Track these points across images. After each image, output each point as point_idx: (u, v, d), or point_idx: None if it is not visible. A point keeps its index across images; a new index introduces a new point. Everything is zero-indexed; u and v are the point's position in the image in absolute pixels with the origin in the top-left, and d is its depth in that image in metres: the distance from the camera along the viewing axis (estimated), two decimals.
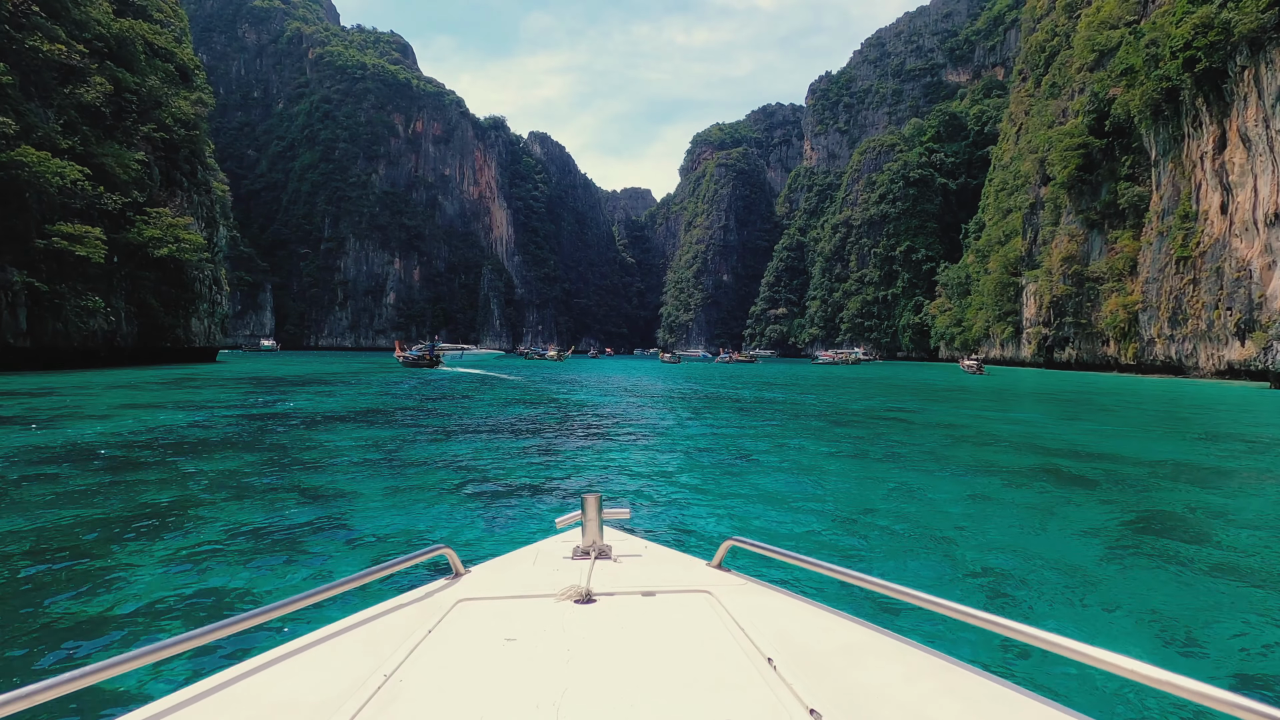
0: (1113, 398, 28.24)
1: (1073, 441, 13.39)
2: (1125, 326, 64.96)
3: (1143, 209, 65.11)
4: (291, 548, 5.59)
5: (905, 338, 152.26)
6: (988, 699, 1.18)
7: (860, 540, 6.17)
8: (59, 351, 38.06)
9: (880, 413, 19.49)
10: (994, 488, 8.64)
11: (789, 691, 1.20)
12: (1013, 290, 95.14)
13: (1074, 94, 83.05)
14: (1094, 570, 5.38)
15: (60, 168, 36.09)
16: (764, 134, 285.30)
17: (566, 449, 11.56)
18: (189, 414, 15.51)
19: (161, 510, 6.73)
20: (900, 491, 8.33)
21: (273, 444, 11.28)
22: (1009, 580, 5.10)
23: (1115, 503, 7.92)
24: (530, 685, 1.22)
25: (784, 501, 7.66)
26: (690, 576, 1.88)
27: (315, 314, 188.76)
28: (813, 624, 1.54)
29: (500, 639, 1.43)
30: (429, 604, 1.67)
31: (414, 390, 26.56)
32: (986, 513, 7.31)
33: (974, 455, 11.42)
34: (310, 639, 1.44)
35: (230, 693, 1.21)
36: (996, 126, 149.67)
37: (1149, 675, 0.99)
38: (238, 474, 8.62)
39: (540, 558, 2.04)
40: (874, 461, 10.56)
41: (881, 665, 1.32)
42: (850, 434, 14.09)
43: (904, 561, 5.55)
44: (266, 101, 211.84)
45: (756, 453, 11.13)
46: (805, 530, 6.49)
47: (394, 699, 1.18)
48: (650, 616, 1.57)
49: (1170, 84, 56.77)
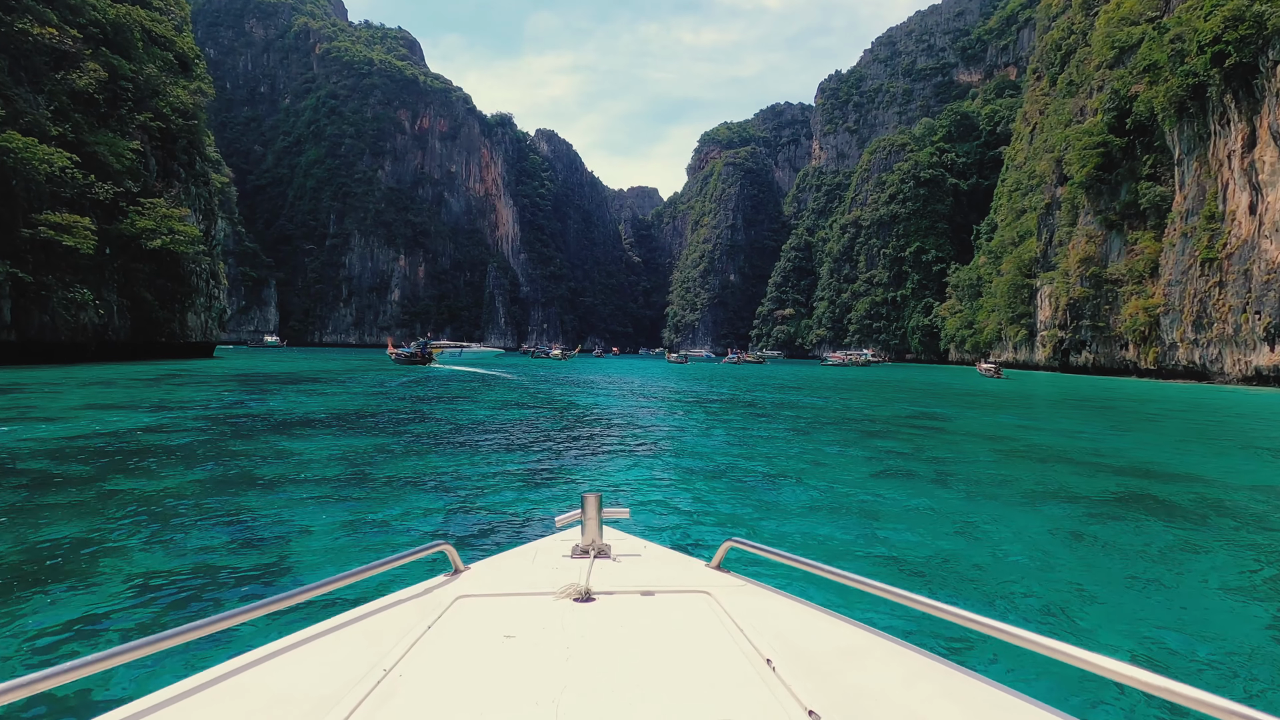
0: (1151, 405, 26.60)
1: (1140, 458, 11.84)
2: (1146, 330, 63.06)
3: (1165, 209, 63.22)
4: (193, 618, 4.13)
5: (914, 340, 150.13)
6: (986, 703, 1.19)
7: (956, 599, 4.65)
8: (46, 345, 36.80)
9: (909, 420, 17.93)
10: (1080, 522, 7.10)
11: (787, 693, 1.20)
12: (1026, 292, 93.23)
13: (1092, 92, 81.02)
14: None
15: (48, 154, 34.83)
16: (772, 133, 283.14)
17: (573, 465, 10.07)
18: (153, 416, 14.10)
19: (56, 552, 5.27)
20: (971, 529, 6.80)
21: (228, 455, 9.82)
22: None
23: (1244, 545, 6.38)
24: (528, 682, 1.22)
25: (839, 545, 6.17)
26: (689, 577, 1.86)
27: (320, 310, 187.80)
28: (812, 626, 1.54)
29: (499, 636, 1.44)
30: (428, 600, 1.66)
31: (403, 390, 25.13)
32: (1092, 563, 5.78)
33: (1036, 476, 9.88)
34: (310, 633, 1.45)
35: (230, 685, 1.21)
36: (1009, 126, 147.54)
37: (1151, 683, 0.98)
38: (169, 498, 7.16)
39: (540, 556, 2.02)
40: (926, 484, 9.04)
41: (880, 668, 1.32)
42: (886, 447, 12.55)
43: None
44: (273, 97, 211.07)
45: (791, 472, 9.62)
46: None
47: (393, 694, 1.19)
48: (649, 616, 1.57)
49: (1197, 80, 54.94)
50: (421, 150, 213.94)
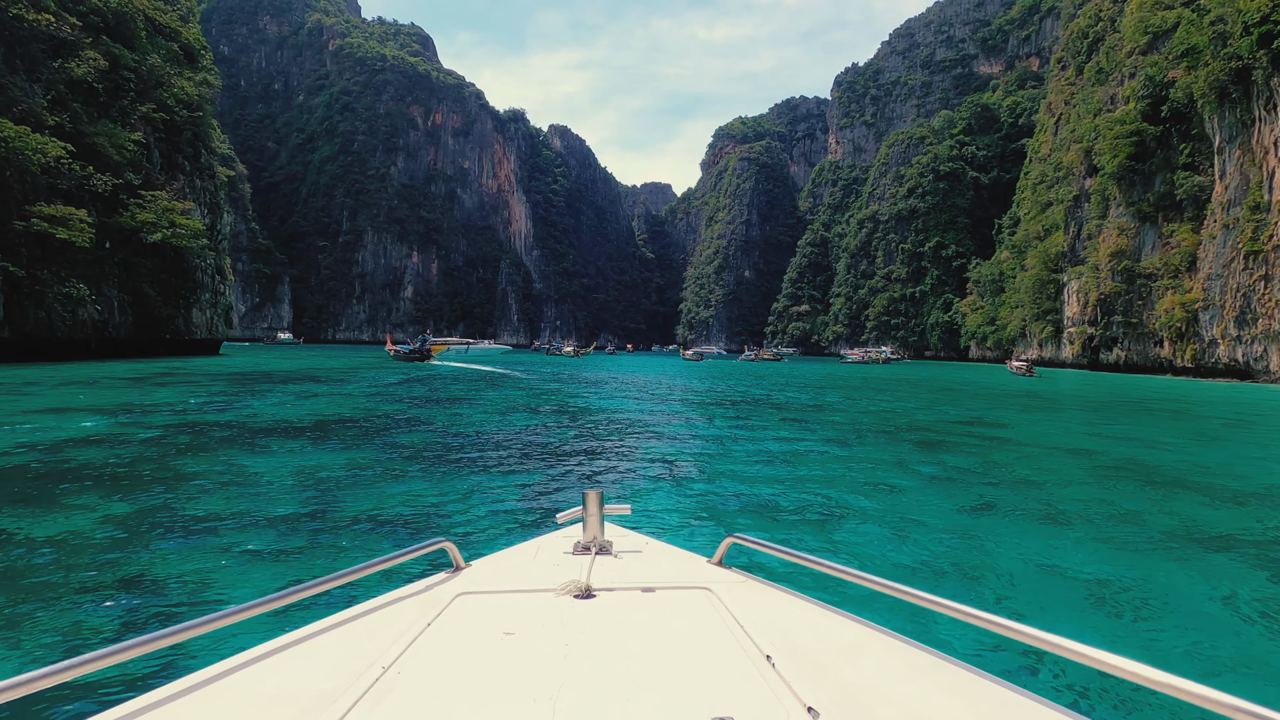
0: (1217, 407, 24.37)
1: (1267, 481, 9.87)
2: (1183, 326, 60.21)
3: (1204, 200, 60.34)
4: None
5: (934, 336, 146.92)
6: (986, 698, 1.18)
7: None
8: (42, 343, 35.58)
9: (964, 427, 15.94)
10: (1264, 588, 5.21)
11: (787, 689, 1.20)
12: (1053, 288, 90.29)
13: (1124, 79, 77.92)
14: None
15: (41, 143, 33.55)
16: (787, 127, 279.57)
17: (585, 479, 8.28)
18: (106, 422, 12.50)
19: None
20: (1118, 596, 4.93)
21: (161, 479, 8.13)
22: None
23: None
24: (528, 679, 1.22)
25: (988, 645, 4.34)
26: (690, 573, 1.86)
27: (333, 307, 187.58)
28: (812, 622, 1.54)
29: (499, 633, 1.45)
30: (429, 597, 1.67)
31: (399, 391, 23.48)
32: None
33: (1157, 506, 7.95)
34: (310, 630, 1.45)
35: (229, 683, 1.22)
36: (1032, 118, 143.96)
37: (1149, 678, 0.98)
38: (74, 544, 5.45)
39: (541, 553, 2.01)
40: (1019, 520, 7.16)
41: (880, 664, 1.32)
42: (954, 464, 10.65)
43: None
44: (287, 94, 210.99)
45: (856, 509, 7.76)
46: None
47: (392, 691, 1.19)
48: (649, 612, 1.57)
49: (1241, 63, 52.14)
50: (434, 146, 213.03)
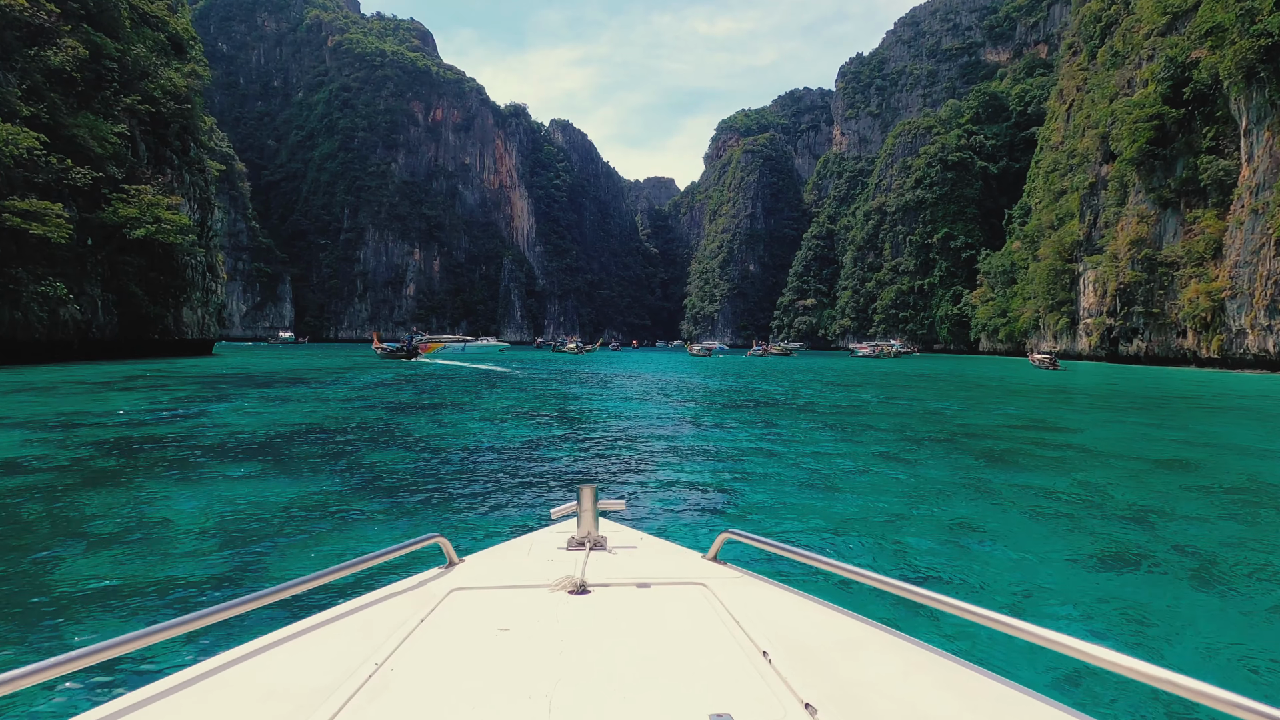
0: (1267, 400, 22.46)
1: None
2: (1208, 316, 57.99)
3: (1229, 184, 58.07)
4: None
5: (943, 329, 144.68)
6: (983, 694, 1.18)
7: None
8: (19, 344, 33.99)
9: (1025, 433, 13.90)
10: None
11: (784, 685, 1.19)
12: (1068, 278, 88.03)
13: (1142, 62, 75.43)
14: None
15: (12, 134, 31.90)
16: (791, 120, 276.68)
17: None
18: (36, 439, 10.79)
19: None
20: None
21: (51, 521, 6.40)
22: None
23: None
24: (522, 675, 1.22)
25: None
26: (685, 569, 1.85)
27: (335, 305, 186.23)
28: (809, 618, 1.54)
29: (493, 629, 1.44)
30: (422, 593, 1.66)
31: (384, 396, 21.74)
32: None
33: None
34: (302, 626, 1.44)
35: (221, 678, 1.21)
36: (1041, 106, 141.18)
37: (1147, 673, 0.98)
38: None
39: (535, 548, 2.00)
40: (1177, 587, 5.35)
41: (877, 660, 1.32)
42: (1035, 484, 8.79)
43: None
44: (286, 91, 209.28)
45: (930, 541, 5.96)
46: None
47: (385, 687, 1.18)
48: (644, 608, 1.56)
49: (1271, 40, 49.90)
50: (435, 142, 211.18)
